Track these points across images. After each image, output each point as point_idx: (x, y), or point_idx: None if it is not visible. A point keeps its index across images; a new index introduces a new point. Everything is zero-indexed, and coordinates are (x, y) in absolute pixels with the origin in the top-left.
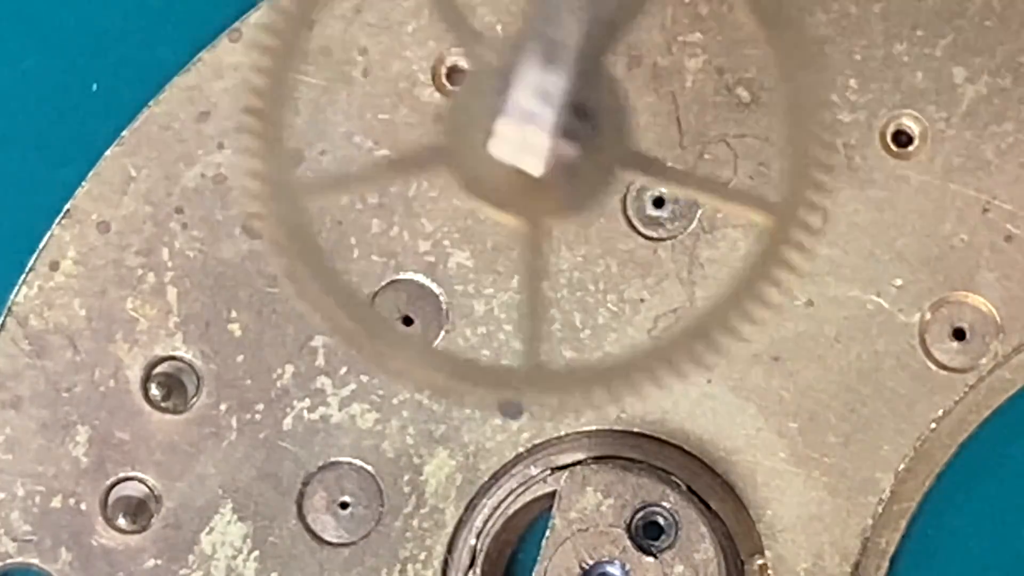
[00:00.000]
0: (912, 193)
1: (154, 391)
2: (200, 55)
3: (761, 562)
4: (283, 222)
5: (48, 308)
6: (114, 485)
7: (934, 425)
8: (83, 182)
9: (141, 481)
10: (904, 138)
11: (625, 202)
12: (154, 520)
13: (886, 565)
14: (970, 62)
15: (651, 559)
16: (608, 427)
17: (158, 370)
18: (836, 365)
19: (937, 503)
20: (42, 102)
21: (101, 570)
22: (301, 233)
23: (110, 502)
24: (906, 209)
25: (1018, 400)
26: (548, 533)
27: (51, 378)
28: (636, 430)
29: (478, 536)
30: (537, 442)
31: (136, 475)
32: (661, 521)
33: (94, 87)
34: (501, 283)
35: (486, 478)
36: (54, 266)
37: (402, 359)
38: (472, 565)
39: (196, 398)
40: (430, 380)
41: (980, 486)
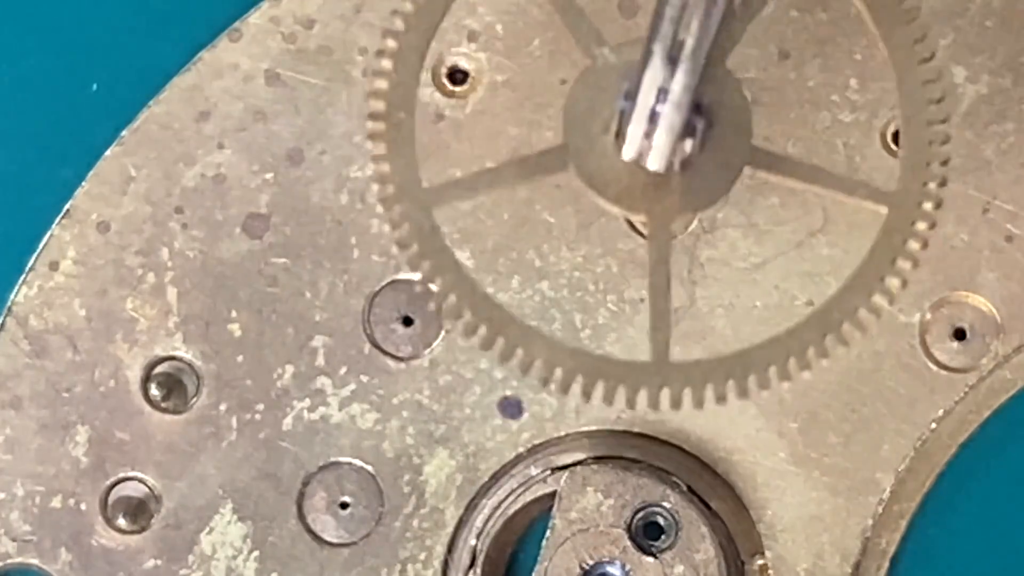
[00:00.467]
0: None
1: (154, 391)
2: (200, 55)
3: (761, 562)
4: (413, 225)
5: (48, 308)
6: (114, 485)
7: (934, 425)
8: (83, 182)
9: (141, 481)
10: None
11: None
12: (154, 520)
13: (886, 565)
14: (970, 62)
15: (651, 559)
16: (608, 427)
17: (158, 370)
18: (836, 365)
19: (937, 503)
20: (42, 102)
21: (101, 570)
22: (431, 236)
23: (110, 502)
24: None
25: (1018, 400)
26: (548, 533)
27: (51, 378)
28: (636, 430)
29: (478, 536)
30: (537, 442)
31: (136, 475)
32: (661, 521)
33: (94, 87)
34: (501, 283)
35: (486, 478)
36: (54, 266)
37: None
38: (472, 565)
39: (196, 398)
40: None
41: (980, 486)
